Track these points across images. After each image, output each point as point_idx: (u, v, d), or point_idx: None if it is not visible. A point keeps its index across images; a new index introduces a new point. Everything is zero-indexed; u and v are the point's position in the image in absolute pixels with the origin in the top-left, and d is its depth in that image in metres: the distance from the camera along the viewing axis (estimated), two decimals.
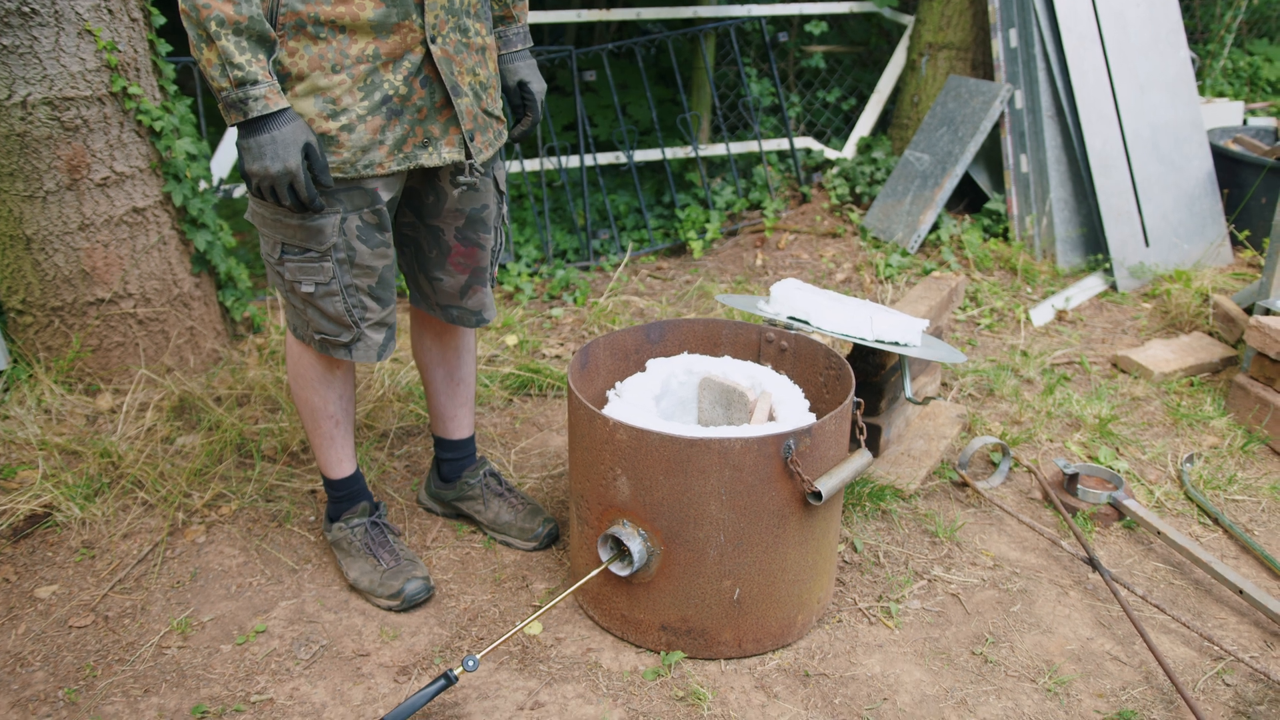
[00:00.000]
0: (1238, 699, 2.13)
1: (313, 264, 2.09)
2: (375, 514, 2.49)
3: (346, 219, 2.06)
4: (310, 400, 2.35)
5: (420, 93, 2.03)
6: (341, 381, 2.34)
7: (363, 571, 2.41)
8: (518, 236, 4.57)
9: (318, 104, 1.96)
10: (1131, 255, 4.18)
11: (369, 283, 2.15)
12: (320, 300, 2.13)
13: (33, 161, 2.89)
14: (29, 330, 3.13)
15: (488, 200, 2.29)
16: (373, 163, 2.03)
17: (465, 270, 2.35)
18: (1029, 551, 2.59)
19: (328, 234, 2.05)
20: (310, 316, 2.17)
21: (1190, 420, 3.16)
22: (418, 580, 2.37)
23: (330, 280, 2.10)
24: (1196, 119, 4.36)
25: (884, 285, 4.11)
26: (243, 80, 1.84)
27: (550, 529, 2.58)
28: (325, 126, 1.97)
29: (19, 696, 2.13)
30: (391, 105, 2.01)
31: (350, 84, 1.96)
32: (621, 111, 4.94)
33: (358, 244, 2.09)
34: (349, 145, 1.99)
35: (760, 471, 2.03)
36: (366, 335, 2.20)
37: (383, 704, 2.12)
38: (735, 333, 2.57)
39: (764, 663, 2.22)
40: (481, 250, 2.33)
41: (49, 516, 2.67)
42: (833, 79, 5.49)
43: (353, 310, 2.15)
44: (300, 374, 2.32)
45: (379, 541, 2.44)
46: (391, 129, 2.02)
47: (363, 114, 1.98)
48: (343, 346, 2.20)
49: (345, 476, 2.46)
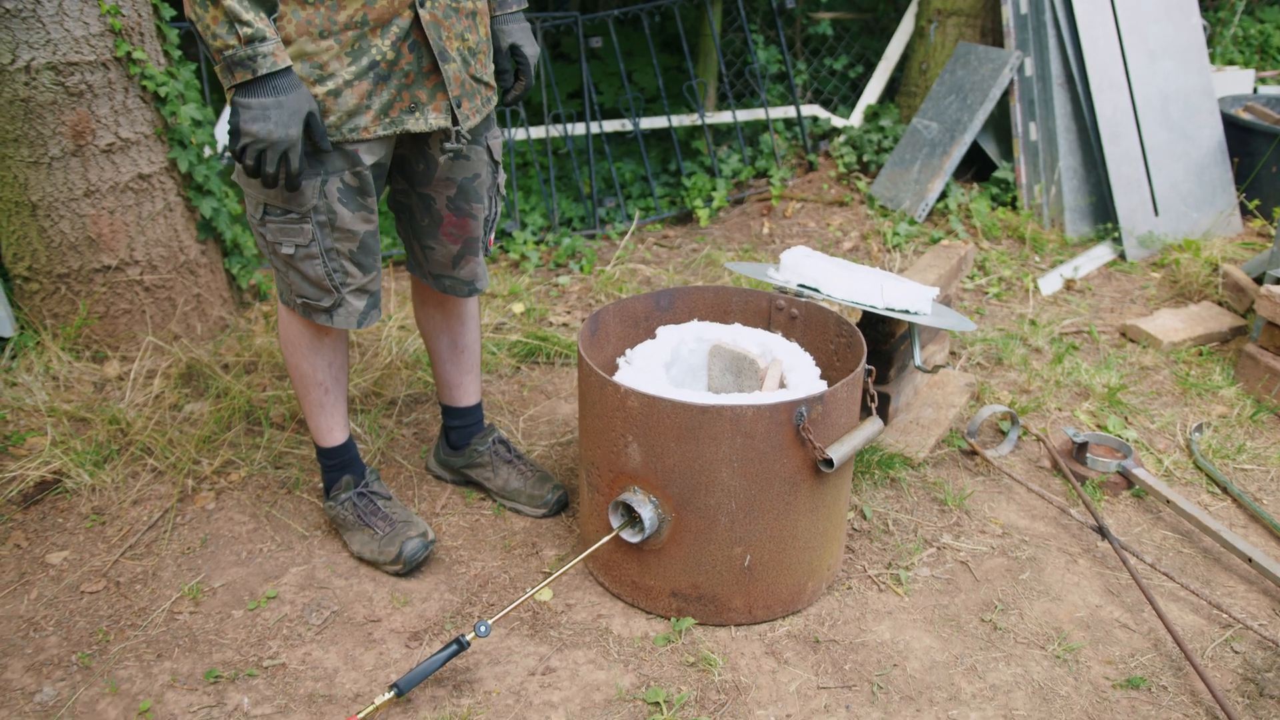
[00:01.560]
0: (1246, 666, 2.14)
1: (293, 225, 2.07)
2: (361, 484, 2.47)
3: (327, 181, 2.04)
4: (300, 367, 2.34)
5: (408, 58, 2.01)
6: (331, 349, 2.33)
7: (363, 543, 2.42)
8: (523, 205, 4.55)
9: (305, 68, 1.94)
10: (1141, 224, 4.16)
11: (350, 247, 2.13)
12: (300, 263, 2.11)
13: (37, 127, 2.87)
14: (35, 297, 3.13)
15: (480, 170, 2.27)
16: (358, 127, 2.01)
17: (457, 240, 2.33)
18: (1038, 520, 2.59)
19: (308, 196, 2.04)
20: (292, 280, 2.16)
21: (1199, 389, 3.16)
22: (414, 540, 2.36)
23: (310, 243, 2.09)
24: (1208, 87, 4.33)
25: (891, 254, 4.10)
26: (252, 37, 1.82)
27: (559, 495, 2.59)
28: (313, 90, 1.96)
29: (33, 660, 2.14)
30: (379, 70, 1.99)
31: (338, 49, 1.94)
32: (627, 79, 4.90)
33: (339, 207, 2.07)
34: (335, 110, 1.98)
35: (772, 439, 2.03)
36: (348, 301, 2.18)
37: (394, 669, 2.13)
38: (745, 300, 2.56)
39: (774, 629, 2.23)
40: (473, 220, 2.32)
41: (59, 483, 2.67)
42: (840, 46, 5.44)
43: (333, 274, 2.14)
44: (290, 340, 2.32)
45: (370, 510, 2.44)
46: (378, 94, 2.00)
47: (350, 79, 1.97)
48: (324, 311, 2.19)
49: (336, 445, 2.45)
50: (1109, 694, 2.06)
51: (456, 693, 2.05)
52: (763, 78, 5.09)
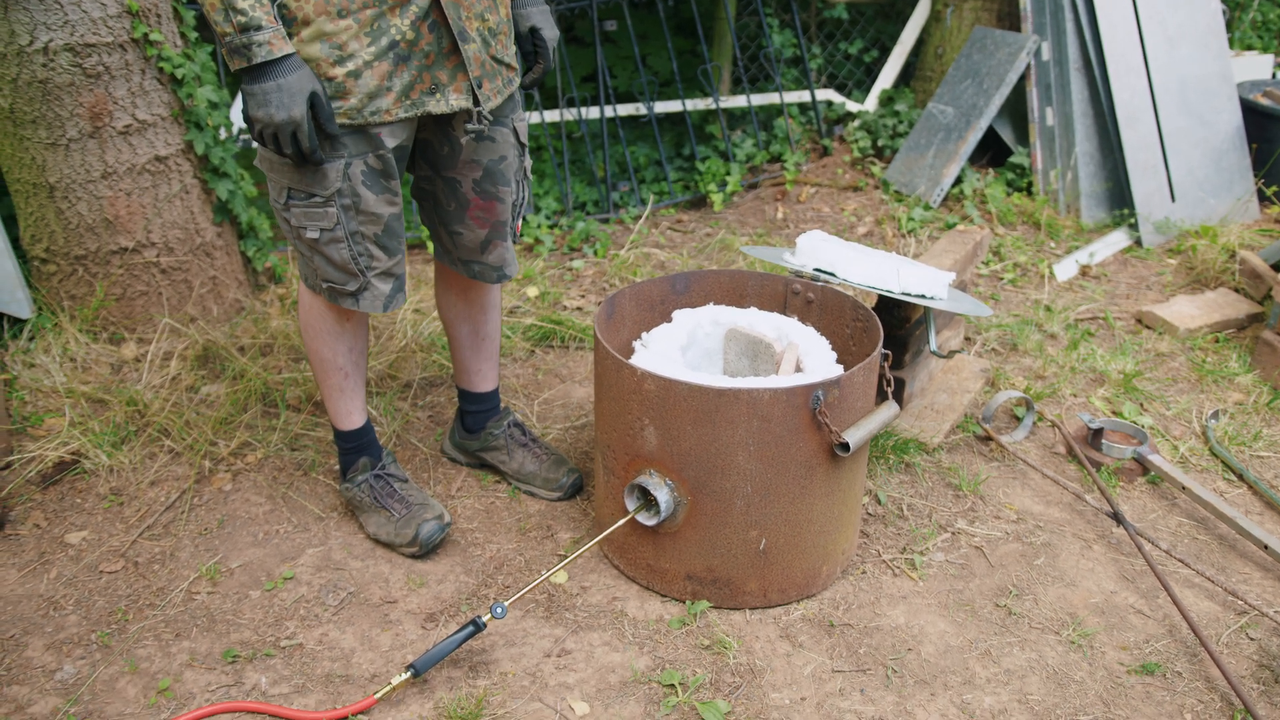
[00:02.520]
0: (1261, 653, 2.13)
1: (317, 209, 2.07)
2: (378, 466, 2.48)
3: (351, 164, 2.04)
4: (320, 351, 2.34)
5: (428, 38, 2.01)
6: (352, 334, 2.33)
7: (379, 525, 2.43)
8: (537, 188, 4.55)
9: (324, 49, 1.94)
10: (1157, 210, 4.14)
11: (375, 230, 2.13)
12: (325, 247, 2.12)
13: (55, 109, 2.88)
14: (53, 279, 3.14)
15: (505, 152, 2.26)
16: (380, 109, 2.01)
17: (485, 225, 2.33)
18: (1053, 505, 2.59)
19: (331, 179, 2.04)
20: (317, 264, 2.17)
21: (1215, 376, 3.15)
22: (430, 522, 2.37)
23: (335, 226, 2.09)
24: (1226, 72, 4.29)
25: (906, 239, 4.08)
26: (246, 25, 1.82)
27: (575, 479, 2.59)
28: (332, 72, 1.96)
29: (53, 639, 2.16)
30: (398, 50, 1.99)
31: (356, 29, 1.94)
32: (641, 62, 4.89)
33: (363, 190, 2.07)
34: (356, 92, 1.98)
35: (788, 422, 2.03)
36: (373, 285, 2.18)
37: (411, 650, 2.14)
38: (761, 284, 2.56)
39: (789, 613, 2.23)
40: (500, 204, 2.31)
41: (77, 464, 2.69)
42: (855, 30, 5.41)
43: (359, 258, 2.14)
44: (311, 324, 2.32)
45: (386, 492, 2.44)
46: (399, 75, 2.00)
47: (369, 59, 1.97)
48: (349, 295, 2.19)
49: (355, 429, 2.46)
50: (1124, 679, 2.07)
51: (473, 674, 2.07)
52: (777, 62, 5.07)
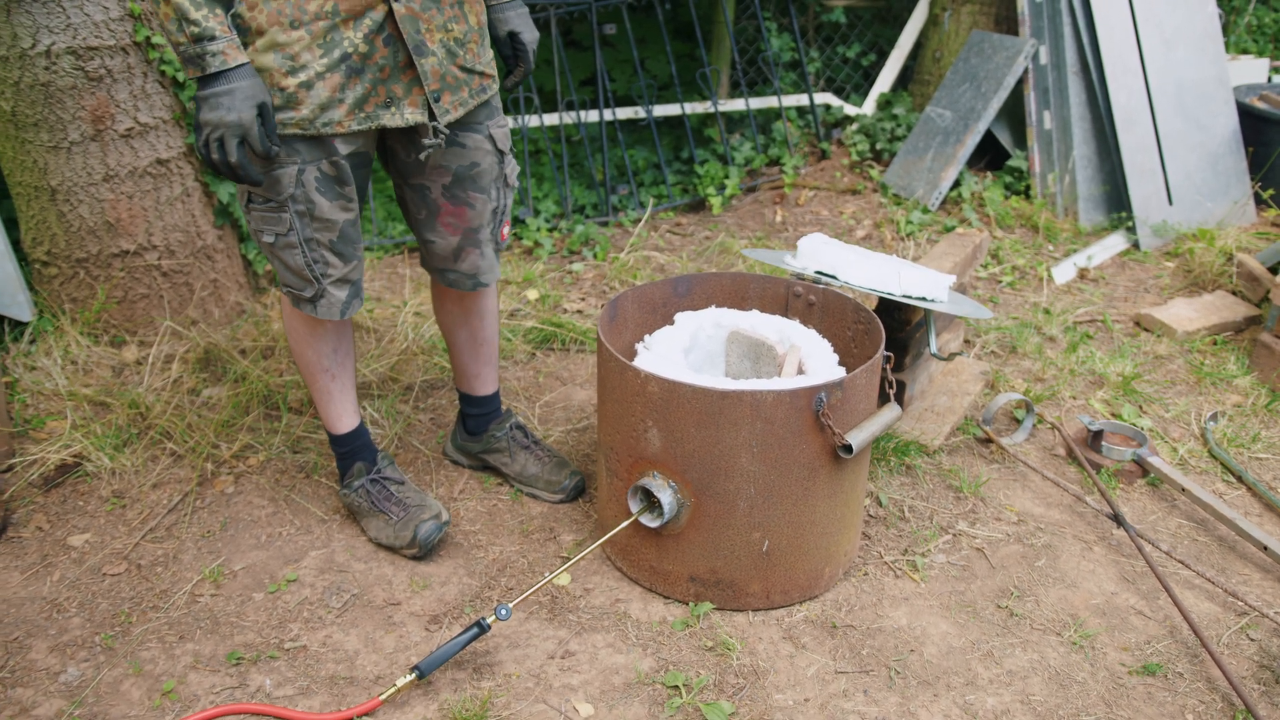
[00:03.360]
0: (1262, 653, 2.14)
1: (272, 214, 2.07)
2: (374, 470, 2.47)
3: (304, 170, 2.04)
4: (305, 354, 2.34)
5: (382, 51, 1.99)
6: (334, 334, 2.32)
7: (379, 529, 2.43)
8: (536, 191, 4.56)
9: (277, 59, 1.93)
10: (1154, 213, 4.16)
11: (330, 237, 2.12)
12: (281, 252, 2.12)
13: (57, 112, 2.88)
14: (54, 282, 3.14)
15: (478, 159, 2.24)
16: (332, 121, 2.00)
17: (455, 231, 2.31)
18: (1053, 507, 2.60)
19: (284, 184, 2.03)
20: (276, 268, 2.18)
21: (1213, 379, 3.16)
22: (428, 522, 2.37)
23: (289, 231, 2.08)
24: (1223, 75, 4.32)
25: (905, 242, 4.10)
26: (199, 35, 1.82)
27: (576, 481, 2.60)
28: (285, 82, 1.95)
29: (57, 641, 2.16)
30: (351, 63, 1.97)
31: (309, 40, 1.93)
32: (640, 66, 4.90)
33: (316, 196, 2.06)
34: (308, 103, 1.97)
35: (791, 424, 2.04)
36: (329, 292, 2.18)
37: (414, 652, 2.14)
38: (763, 287, 2.57)
39: (791, 614, 2.24)
40: (471, 210, 2.29)
41: (79, 466, 2.69)
42: (853, 34, 5.43)
43: (314, 265, 2.13)
44: (293, 328, 2.32)
45: (383, 496, 2.44)
46: (351, 87, 1.99)
47: (321, 71, 1.96)
48: (307, 302, 2.19)
49: (347, 432, 2.46)
50: (1125, 680, 2.08)
51: (477, 675, 2.07)
52: (776, 65, 5.08)
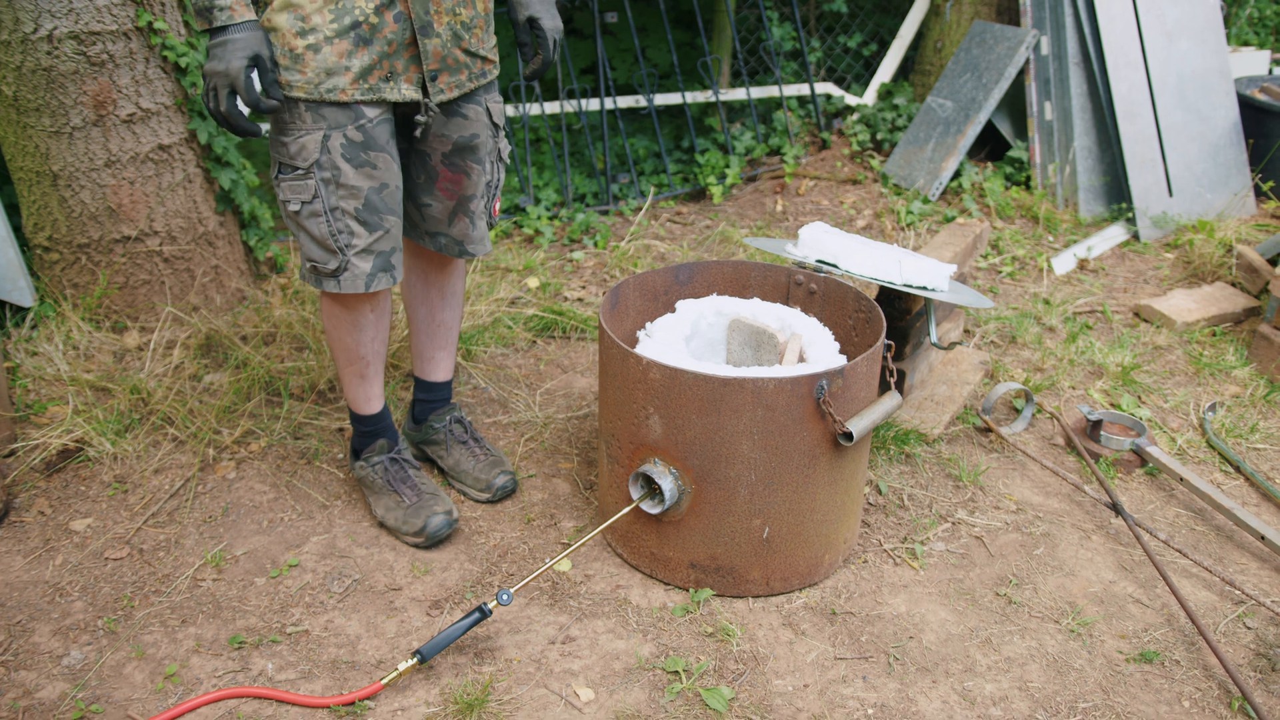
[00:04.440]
0: (1259, 641, 2.16)
1: (299, 181, 2.10)
2: (395, 450, 2.49)
3: (329, 136, 2.06)
4: (344, 341, 2.34)
5: (392, 26, 2.04)
6: (374, 323, 2.33)
7: (388, 508, 2.44)
8: (537, 180, 4.56)
9: (289, 19, 1.99)
10: (1154, 205, 4.16)
11: (354, 205, 2.13)
12: (306, 220, 2.13)
13: (59, 97, 2.88)
14: (56, 267, 3.14)
15: (478, 130, 2.28)
16: (335, 88, 2.04)
17: (452, 196, 2.34)
18: (1052, 496, 2.61)
19: (310, 150, 2.06)
20: (301, 242, 2.18)
21: (1212, 369, 3.17)
22: (440, 515, 2.38)
23: (313, 199, 2.10)
24: (1224, 67, 4.32)
25: (905, 232, 4.10)
26: None
27: (506, 482, 2.56)
28: (294, 43, 2.00)
29: (60, 625, 2.17)
30: (360, 32, 2.02)
31: (321, 3, 1.98)
32: (641, 54, 4.89)
33: (342, 163, 2.08)
34: (313, 65, 2.01)
35: (792, 412, 2.05)
36: (353, 263, 2.17)
37: (416, 637, 2.15)
38: (764, 275, 2.58)
39: (791, 601, 2.25)
40: (468, 179, 2.32)
41: (81, 451, 2.69)
42: (854, 24, 5.42)
43: (338, 235, 2.14)
44: (333, 314, 2.32)
45: (400, 477, 2.46)
46: (358, 55, 2.03)
47: (330, 35, 2.00)
48: (330, 276, 2.19)
49: (375, 413, 2.47)
50: (1122, 667, 2.09)
51: (478, 660, 2.08)
52: (777, 55, 5.08)
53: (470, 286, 3.54)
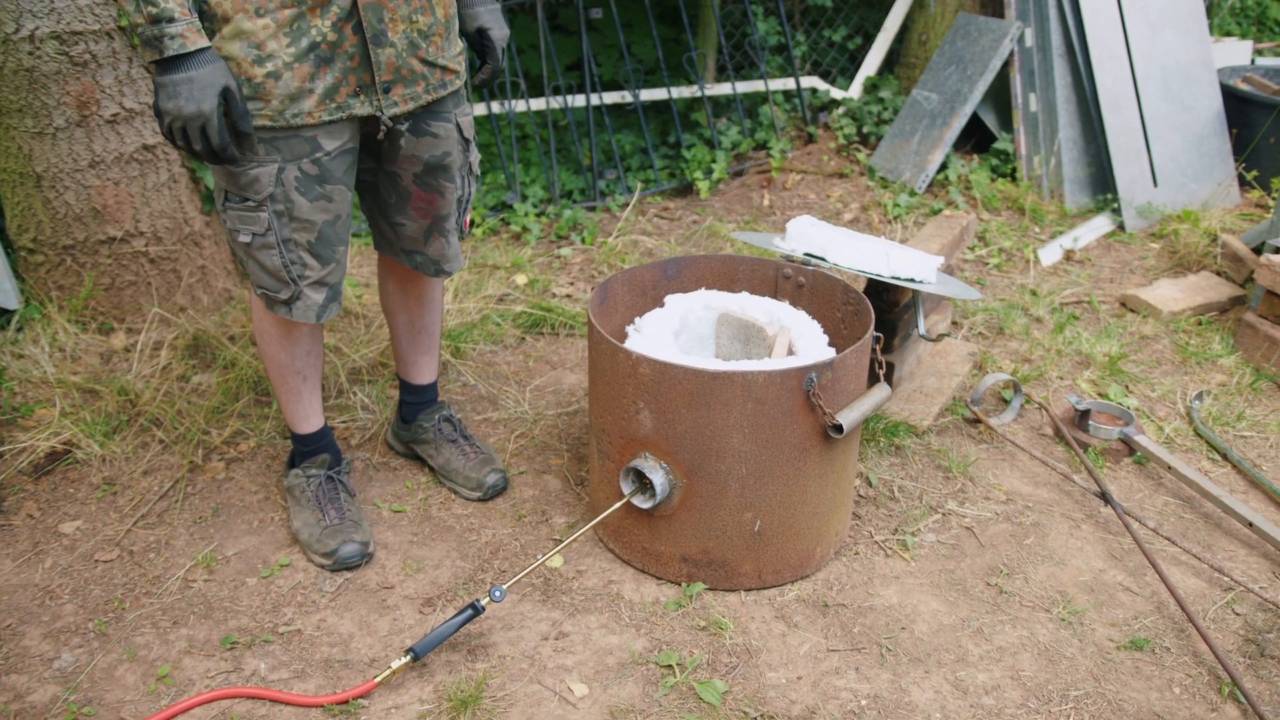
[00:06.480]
0: (1247, 628, 2.17)
1: (250, 213, 2.02)
2: (336, 469, 2.45)
3: (284, 169, 1.99)
4: (277, 357, 2.30)
5: (352, 39, 1.95)
6: (309, 336, 2.29)
7: (305, 523, 2.39)
8: (523, 177, 4.55)
9: (243, 48, 1.88)
10: (1140, 195, 4.18)
11: (308, 238, 2.07)
12: (257, 252, 2.07)
13: (41, 97, 2.87)
14: (40, 269, 3.13)
15: (449, 148, 2.22)
16: (301, 112, 1.95)
17: (426, 215, 2.29)
18: (1041, 486, 2.62)
19: (264, 183, 1.99)
20: (250, 270, 2.12)
21: (1199, 358, 3.19)
22: (354, 544, 2.32)
23: (266, 231, 2.03)
24: (1207, 58, 4.33)
25: (892, 225, 4.11)
26: (157, 17, 1.76)
27: (497, 479, 2.55)
28: (252, 72, 1.90)
29: (50, 628, 2.16)
30: (320, 52, 1.93)
31: (274, 28, 1.88)
32: (626, 50, 4.89)
33: (296, 196, 2.02)
34: (277, 94, 1.92)
35: (782, 404, 2.05)
36: (305, 294, 2.13)
37: (409, 634, 2.15)
38: (752, 269, 2.58)
39: (783, 593, 2.26)
40: (442, 198, 2.27)
41: (69, 454, 2.68)
42: (839, 17, 5.43)
43: (290, 266, 2.08)
44: (265, 330, 2.27)
45: (329, 497, 2.40)
46: (321, 77, 1.95)
47: (289, 61, 1.91)
48: (282, 304, 2.14)
49: (312, 432, 2.44)
50: (1113, 655, 2.10)
51: (471, 657, 2.08)
52: (762, 49, 5.08)
53: (458, 284, 3.53)
